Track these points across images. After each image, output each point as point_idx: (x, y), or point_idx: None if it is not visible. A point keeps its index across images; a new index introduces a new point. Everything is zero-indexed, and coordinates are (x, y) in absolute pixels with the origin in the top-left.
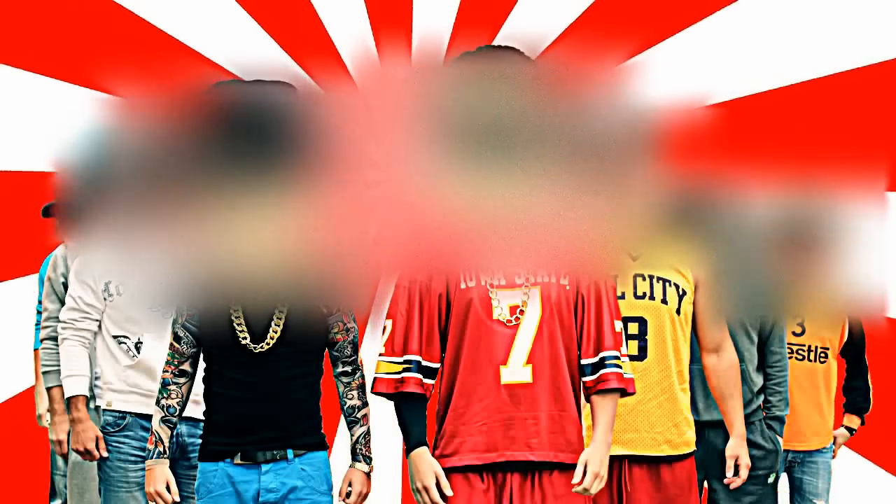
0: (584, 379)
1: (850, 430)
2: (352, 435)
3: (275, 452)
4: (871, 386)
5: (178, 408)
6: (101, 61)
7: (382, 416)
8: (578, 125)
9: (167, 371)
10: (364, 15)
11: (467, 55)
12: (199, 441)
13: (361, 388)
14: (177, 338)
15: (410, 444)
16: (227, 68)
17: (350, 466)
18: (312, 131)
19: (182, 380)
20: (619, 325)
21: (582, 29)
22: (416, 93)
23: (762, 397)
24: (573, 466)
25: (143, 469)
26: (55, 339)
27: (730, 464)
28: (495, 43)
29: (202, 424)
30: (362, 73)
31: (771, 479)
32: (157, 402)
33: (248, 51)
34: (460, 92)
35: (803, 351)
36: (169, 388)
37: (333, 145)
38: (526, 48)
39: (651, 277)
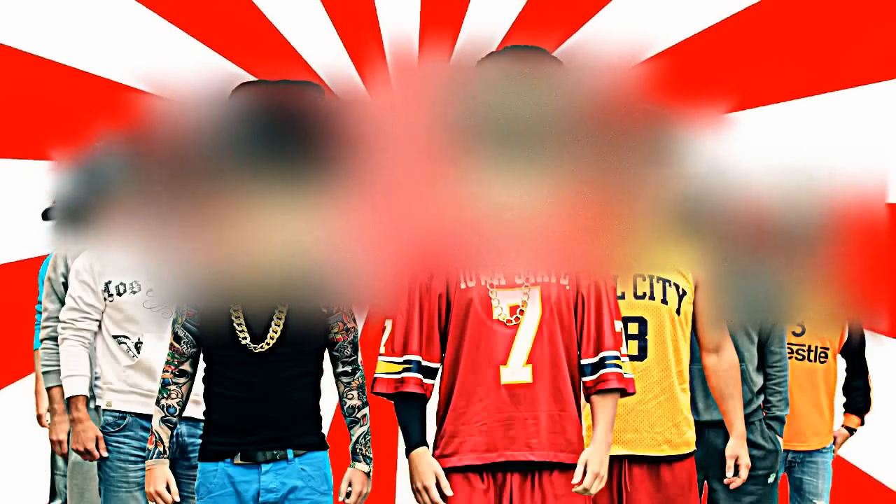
0: (584, 379)
1: (850, 430)
2: (352, 435)
3: (275, 452)
4: (871, 386)
5: (178, 408)
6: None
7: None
8: (599, 127)
9: (167, 371)
10: (416, 13)
11: (492, 55)
12: (199, 441)
13: (361, 388)
14: (177, 338)
15: (410, 444)
16: (286, 38)
17: (350, 466)
18: (335, 133)
19: (182, 380)
20: (619, 325)
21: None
22: (438, 94)
23: (762, 397)
24: (573, 466)
25: (143, 469)
26: (55, 339)
27: (730, 464)
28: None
29: (202, 424)
30: (400, 70)
31: (771, 479)
32: (157, 402)
33: (263, 53)
34: (479, 92)
35: (803, 351)
36: (169, 388)
37: (355, 147)
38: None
39: (651, 277)
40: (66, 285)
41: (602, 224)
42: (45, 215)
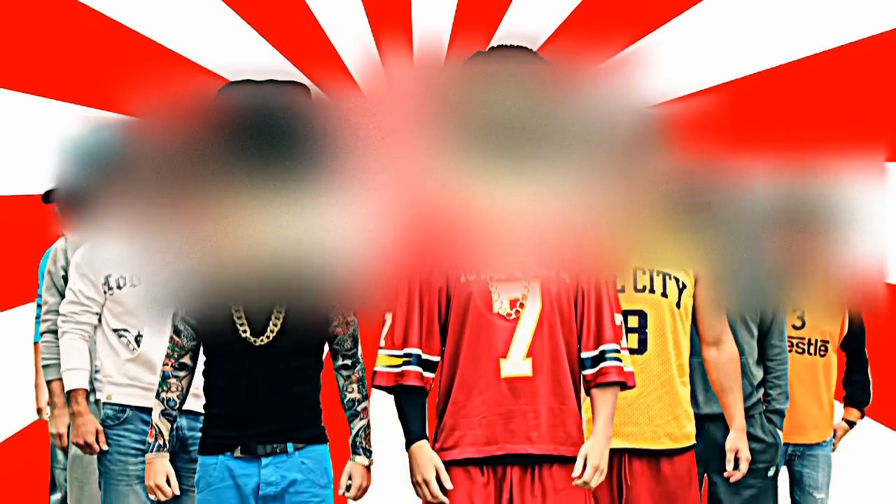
0: (584, 372)
1: (850, 423)
2: (352, 428)
3: (275, 446)
4: (871, 379)
5: (178, 401)
6: (99, 78)
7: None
8: (585, 122)
9: (167, 364)
10: (363, 17)
11: (480, 54)
12: (199, 434)
13: (361, 381)
14: (177, 331)
15: (410, 438)
16: (226, 77)
17: (350, 460)
18: (323, 132)
19: (182, 373)
20: (619, 318)
21: (578, 23)
22: (419, 92)
23: (762, 391)
24: (573, 460)
25: (143, 462)
26: (55, 332)
27: (730, 457)
28: (502, 42)
29: (202, 418)
30: (365, 75)
31: (771, 473)
32: (157, 396)
33: (248, 58)
34: (470, 90)
35: (803, 344)
36: (169, 381)
37: (343, 146)
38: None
39: (651, 270)
40: (65, 278)
41: (600, 221)
42: (46, 197)
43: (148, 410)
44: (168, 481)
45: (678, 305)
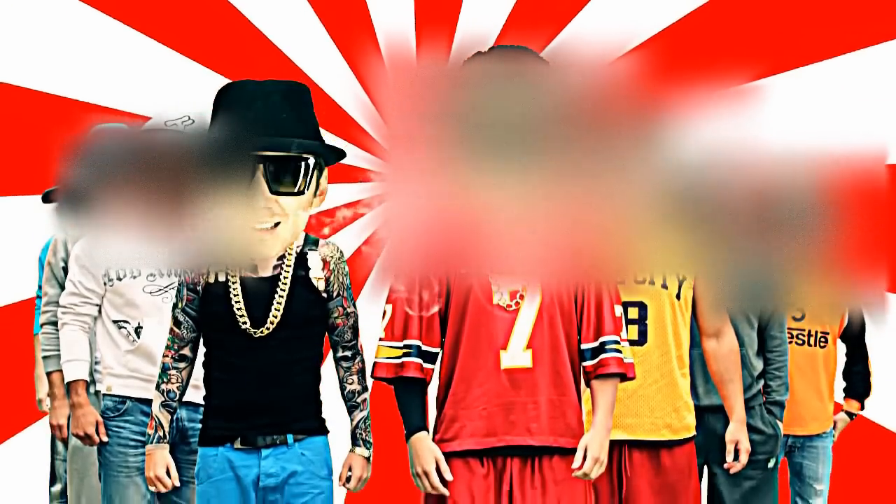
0: (584, 364)
1: (850, 414)
2: (351, 420)
3: (275, 437)
4: (871, 370)
5: (178, 392)
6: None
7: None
8: (588, 127)
9: (167, 356)
10: (411, 11)
11: (479, 55)
12: (199, 426)
13: (361, 372)
14: (177, 322)
15: (410, 429)
16: (271, 40)
17: (350, 451)
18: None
19: (182, 364)
20: (619, 309)
21: (649, 54)
22: (436, 91)
23: (762, 382)
24: (573, 451)
25: (143, 454)
26: (55, 323)
27: (730, 448)
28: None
29: (202, 409)
30: (397, 67)
31: (771, 464)
32: (157, 387)
33: (295, 32)
34: (470, 90)
35: (803, 336)
36: (169, 372)
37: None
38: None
39: None
40: (66, 270)
41: (597, 223)
42: (46, 198)
43: (148, 402)
44: (168, 473)
45: (678, 297)
